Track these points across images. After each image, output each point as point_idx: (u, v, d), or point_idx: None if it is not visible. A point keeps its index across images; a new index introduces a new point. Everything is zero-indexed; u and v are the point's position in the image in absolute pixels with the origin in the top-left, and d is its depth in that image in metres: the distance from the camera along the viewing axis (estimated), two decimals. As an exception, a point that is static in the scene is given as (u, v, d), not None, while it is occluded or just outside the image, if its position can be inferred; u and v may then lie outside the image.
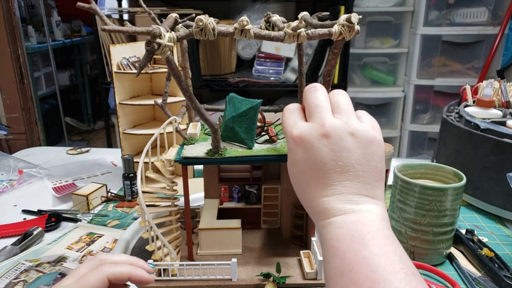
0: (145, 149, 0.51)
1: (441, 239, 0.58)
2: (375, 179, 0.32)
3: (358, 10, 1.77)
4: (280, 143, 0.55)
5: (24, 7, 2.35)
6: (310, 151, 0.32)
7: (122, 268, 0.38)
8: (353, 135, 0.32)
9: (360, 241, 0.28)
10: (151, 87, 0.92)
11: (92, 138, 2.94)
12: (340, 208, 0.30)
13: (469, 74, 1.82)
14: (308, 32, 0.42)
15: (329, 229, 0.30)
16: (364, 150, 0.32)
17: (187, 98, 0.45)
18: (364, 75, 1.92)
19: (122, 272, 0.37)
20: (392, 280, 0.26)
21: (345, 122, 0.32)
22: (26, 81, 1.90)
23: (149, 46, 0.38)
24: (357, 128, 0.32)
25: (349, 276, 0.27)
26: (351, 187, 0.31)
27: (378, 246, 0.28)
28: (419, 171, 0.63)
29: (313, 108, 0.33)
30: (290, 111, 0.36)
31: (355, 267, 0.27)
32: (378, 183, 0.32)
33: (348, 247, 0.28)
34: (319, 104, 0.33)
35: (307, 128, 0.33)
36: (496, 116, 0.79)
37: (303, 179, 0.33)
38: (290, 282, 0.52)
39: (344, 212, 0.30)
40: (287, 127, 0.35)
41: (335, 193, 0.31)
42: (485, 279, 0.56)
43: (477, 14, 1.73)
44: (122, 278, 0.37)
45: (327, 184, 0.31)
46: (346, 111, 0.33)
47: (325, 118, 0.32)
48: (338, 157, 0.31)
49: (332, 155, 0.31)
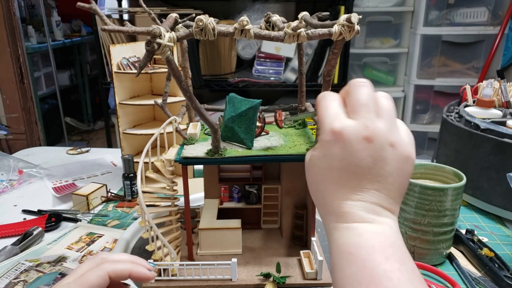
0: (145, 149, 0.51)
1: (441, 239, 0.58)
2: (399, 195, 0.32)
3: (358, 10, 1.77)
4: (280, 143, 0.55)
5: (24, 7, 2.34)
6: (348, 150, 0.30)
7: (123, 266, 0.38)
8: (393, 146, 0.31)
9: (382, 253, 0.28)
10: (151, 87, 0.92)
11: (92, 138, 2.94)
12: (362, 216, 0.30)
13: (469, 74, 1.82)
14: (308, 32, 0.42)
15: (346, 233, 0.30)
16: (399, 165, 0.31)
17: (187, 98, 0.45)
18: (364, 75, 1.92)
19: (122, 269, 0.37)
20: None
21: (389, 130, 0.31)
22: (26, 81, 1.90)
23: (149, 46, 0.38)
24: (398, 140, 0.31)
25: (368, 287, 0.26)
26: (377, 197, 0.30)
27: (399, 261, 0.28)
28: (419, 171, 0.63)
29: (359, 106, 0.32)
30: (330, 100, 0.34)
31: (375, 279, 0.27)
32: (399, 199, 0.32)
33: (369, 256, 0.28)
34: (366, 103, 0.32)
35: (350, 126, 0.31)
36: (496, 116, 0.79)
37: (330, 175, 0.32)
38: (290, 282, 0.52)
39: (366, 220, 0.30)
40: (327, 117, 0.32)
41: (360, 199, 0.30)
42: (485, 279, 0.56)
43: (477, 14, 1.73)
44: (123, 275, 0.37)
45: (354, 189, 0.31)
46: (390, 118, 0.32)
47: (370, 121, 0.31)
48: (374, 165, 0.30)
49: (369, 162, 0.30)
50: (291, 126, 0.62)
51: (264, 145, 0.55)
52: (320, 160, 0.33)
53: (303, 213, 0.59)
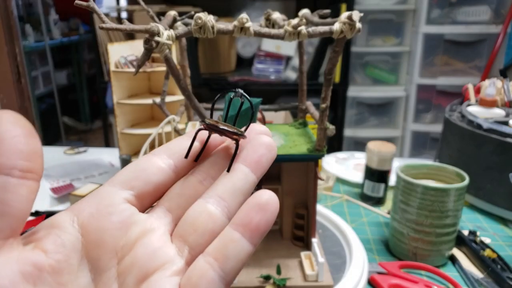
0: (143, 149, 0.50)
1: (444, 240, 0.58)
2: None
3: (359, 8, 1.76)
4: (280, 143, 0.54)
5: (22, 6, 2.33)
6: None
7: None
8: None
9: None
10: (149, 86, 0.91)
11: (90, 138, 2.93)
12: None
13: (471, 73, 1.81)
14: (309, 30, 0.41)
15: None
16: None
17: (186, 97, 0.44)
18: (366, 74, 1.91)
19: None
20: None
21: None
22: (23, 80, 1.88)
23: (147, 44, 0.38)
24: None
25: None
26: None
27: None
28: (421, 171, 0.63)
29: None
30: None
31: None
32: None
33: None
34: None
35: None
36: (499, 116, 0.78)
37: None
38: (291, 284, 0.51)
39: None
40: None
41: None
42: (487, 280, 0.55)
43: (480, 12, 1.72)
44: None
45: None
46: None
47: None
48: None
49: None
50: (291, 125, 0.62)
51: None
52: None
53: (303, 213, 0.58)
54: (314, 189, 0.54)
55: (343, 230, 0.63)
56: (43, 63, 2.42)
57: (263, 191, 0.18)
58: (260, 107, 0.55)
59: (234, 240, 0.18)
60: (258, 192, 0.18)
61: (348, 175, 0.89)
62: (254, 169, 0.20)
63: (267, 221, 0.18)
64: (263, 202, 0.18)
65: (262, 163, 0.20)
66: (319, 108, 0.48)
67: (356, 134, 1.94)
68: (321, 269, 0.51)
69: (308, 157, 0.50)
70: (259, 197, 0.18)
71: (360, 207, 0.78)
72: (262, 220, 0.18)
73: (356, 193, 0.83)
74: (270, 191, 0.19)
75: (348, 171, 0.92)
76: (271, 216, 0.18)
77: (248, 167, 0.19)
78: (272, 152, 0.20)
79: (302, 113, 0.61)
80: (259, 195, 0.18)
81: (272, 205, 0.18)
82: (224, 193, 0.19)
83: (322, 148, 0.50)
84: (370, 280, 0.56)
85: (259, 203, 0.18)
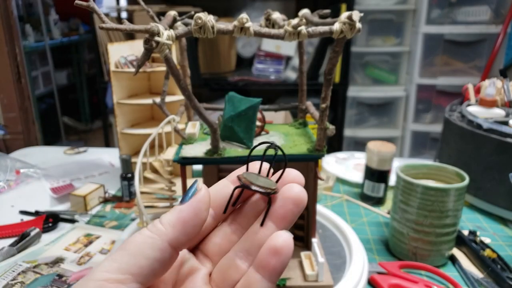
0: (143, 149, 0.50)
1: (444, 240, 0.58)
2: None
3: (359, 8, 1.76)
4: (280, 143, 0.54)
5: (22, 6, 2.33)
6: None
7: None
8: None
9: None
10: (149, 86, 0.91)
11: (90, 138, 2.93)
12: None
13: (471, 73, 1.81)
14: (309, 30, 0.41)
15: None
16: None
17: (186, 97, 0.44)
18: (366, 74, 1.91)
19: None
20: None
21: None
22: (24, 80, 1.88)
23: (148, 44, 0.38)
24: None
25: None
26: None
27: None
28: (421, 171, 0.63)
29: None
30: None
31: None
32: None
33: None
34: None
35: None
36: (498, 116, 0.78)
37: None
38: (291, 284, 0.51)
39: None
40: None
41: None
42: (487, 280, 0.55)
43: (479, 12, 1.72)
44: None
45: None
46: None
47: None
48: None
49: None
50: (291, 125, 0.62)
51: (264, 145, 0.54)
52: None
53: (303, 213, 0.58)
54: (314, 189, 0.54)
55: (343, 230, 0.63)
56: (43, 63, 2.42)
57: (279, 234, 0.21)
58: (260, 107, 0.55)
59: (257, 281, 0.21)
60: (275, 235, 0.21)
61: (348, 175, 0.89)
62: (280, 224, 0.22)
63: (283, 262, 0.21)
64: (278, 246, 0.20)
65: (288, 218, 0.22)
66: (319, 108, 0.48)
67: (356, 134, 1.94)
68: (321, 269, 0.51)
69: (308, 157, 0.50)
70: (275, 240, 0.21)
71: (360, 207, 0.78)
72: (277, 263, 0.20)
73: (356, 193, 0.83)
74: (287, 233, 0.21)
75: (348, 171, 0.92)
76: (285, 259, 0.21)
77: (274, 224, 0.22)
78: (300, 206, 0.22)
79: (302, 113, 0.61)
80: (276, 238, 0.21)
81: (287, 248, 0.20)
82: (251, 248, 0.22)
83: (322, 148, 0.50)
84: (370, 280, 0.56)
85: (275, 248, 0.20)
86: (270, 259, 0.20)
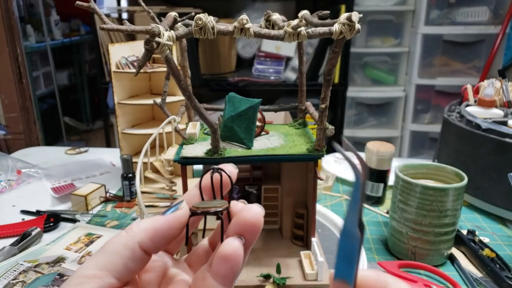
0: (144, 149, 0.51)
1: (442, 239, 0.58)
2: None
3: (358, 9, 1.77)
4: (280, 143, 0.55)
5: (23, 6, 2.33)
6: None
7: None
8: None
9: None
10: (150, 87, 0.91)
11: (91, 138, 2.93)
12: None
13: (470, 74, 1.81)
14: (309, 31, 0.41)
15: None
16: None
17: (186, 98, 0.45)
18: (365, 75, 1.92)
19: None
20: None
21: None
22: (25, 81, 1.89)
23: (148, 45, 0.38)
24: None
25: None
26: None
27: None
28: (420, 171, 0.63)
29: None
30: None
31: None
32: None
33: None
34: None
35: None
36: (497, 116, 0.79)
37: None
38: (291, 283, 0.52)
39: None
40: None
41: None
42: (486, 279, 0.56)
43: (478, 13, 1.73)
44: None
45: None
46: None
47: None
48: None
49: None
50: (291, 125, 0.62)
51: (264, 145, 0.54)
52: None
53: (303, 213, 0.59)
54: (313, 189, 0.54)
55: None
56: (44, 64, 2.42)
57: (228, 243, 0.22)
58: (260, 107, 0.55)
59: (213, 287, 0.22)
60: (225, 243, 0.22)
61: (348, 175, 0.89)
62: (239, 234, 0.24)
63: (232, 268, 0.22)
64: (227, 254, 0.22)
65: (244, 227, 0.23)
66: (318, 109, 0.49)
67: (355, 134, 1.95)
68: (320, 268, 0.52)
69: (308, 157, 0.50)
70: (225, 248, 0.22)
71: (359, 207, 0.78)
72: (227, 269, 0.22)
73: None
74: (236, 242, 0.22)
75: (347, 171, 0.92)
76: (235, 265, 0.22)
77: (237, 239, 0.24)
78: (251, 215, 0.23)
79: (302, 113, 0.62)
80: (225, 247, 0.22)
81: (235, 255, 0.22)
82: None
83: (322, 148, 0.50)
84: (369, 279, 0.56)
85: (224, 255, 0.22)
86: (220, 266, 0.22)
